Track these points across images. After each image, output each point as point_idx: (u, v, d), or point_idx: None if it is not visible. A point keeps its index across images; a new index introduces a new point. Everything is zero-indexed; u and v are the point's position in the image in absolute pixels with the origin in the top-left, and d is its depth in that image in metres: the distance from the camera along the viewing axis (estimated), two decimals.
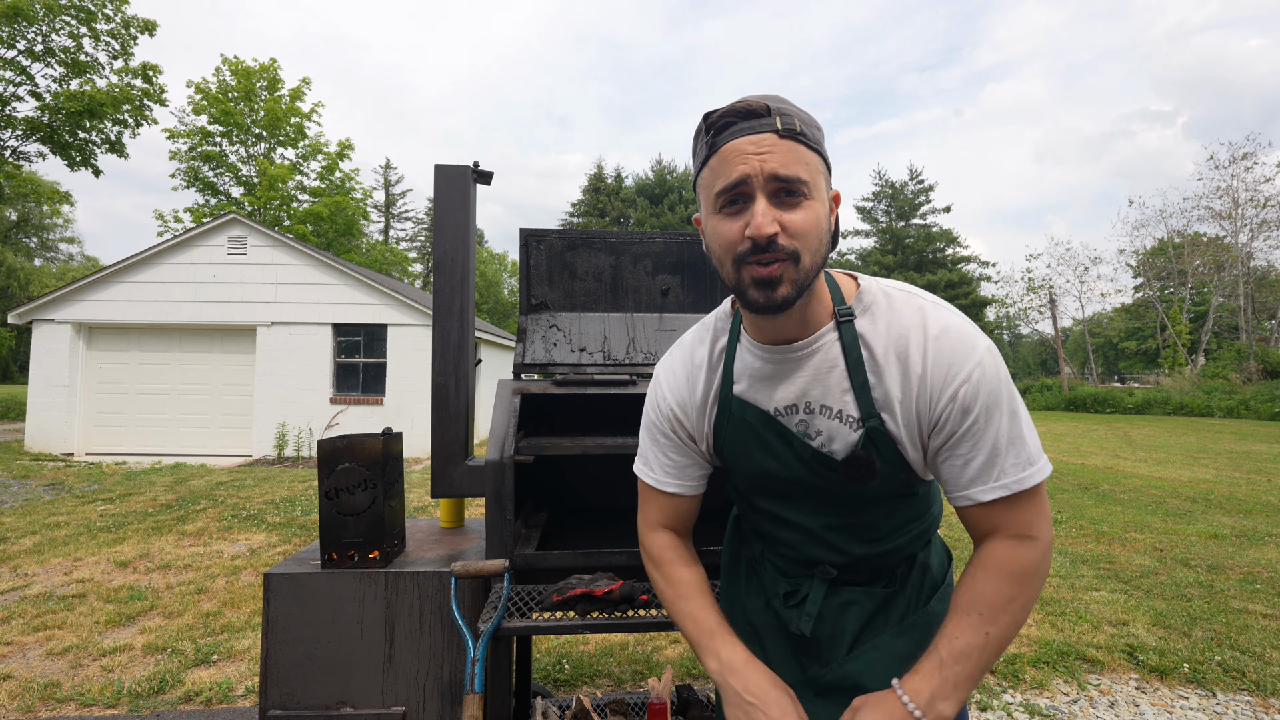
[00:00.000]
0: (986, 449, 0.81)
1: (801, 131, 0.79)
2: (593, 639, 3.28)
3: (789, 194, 0.78)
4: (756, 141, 0.78)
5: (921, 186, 42.33)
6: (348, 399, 10.74)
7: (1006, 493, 0.81)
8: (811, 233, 0.79)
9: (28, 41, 13.78)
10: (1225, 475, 8.67)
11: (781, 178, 0.77)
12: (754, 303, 0.81)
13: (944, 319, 0.84)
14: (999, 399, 0.81)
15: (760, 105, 0.79)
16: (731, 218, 0.80)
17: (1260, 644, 3.19)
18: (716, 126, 0.81)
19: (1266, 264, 30.92)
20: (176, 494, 7.13)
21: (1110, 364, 48.38)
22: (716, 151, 0.81)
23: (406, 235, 49.64)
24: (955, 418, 0.81)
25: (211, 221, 10.92)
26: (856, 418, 0.86)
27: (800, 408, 0.90)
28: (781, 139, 0.78)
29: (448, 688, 1.62)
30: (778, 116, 0.78)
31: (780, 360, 0.90)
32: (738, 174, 0.78)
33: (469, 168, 1.92)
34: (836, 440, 0.88)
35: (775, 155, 0.77)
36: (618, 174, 40.65)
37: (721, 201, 0.81)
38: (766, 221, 0.76)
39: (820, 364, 0.88)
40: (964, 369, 0.80)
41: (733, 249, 0.80)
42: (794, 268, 0.79)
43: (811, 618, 0.95)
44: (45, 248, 44.73)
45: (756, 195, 0.78)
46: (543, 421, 2.18)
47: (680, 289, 2.10)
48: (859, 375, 0.85)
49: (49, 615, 3.55)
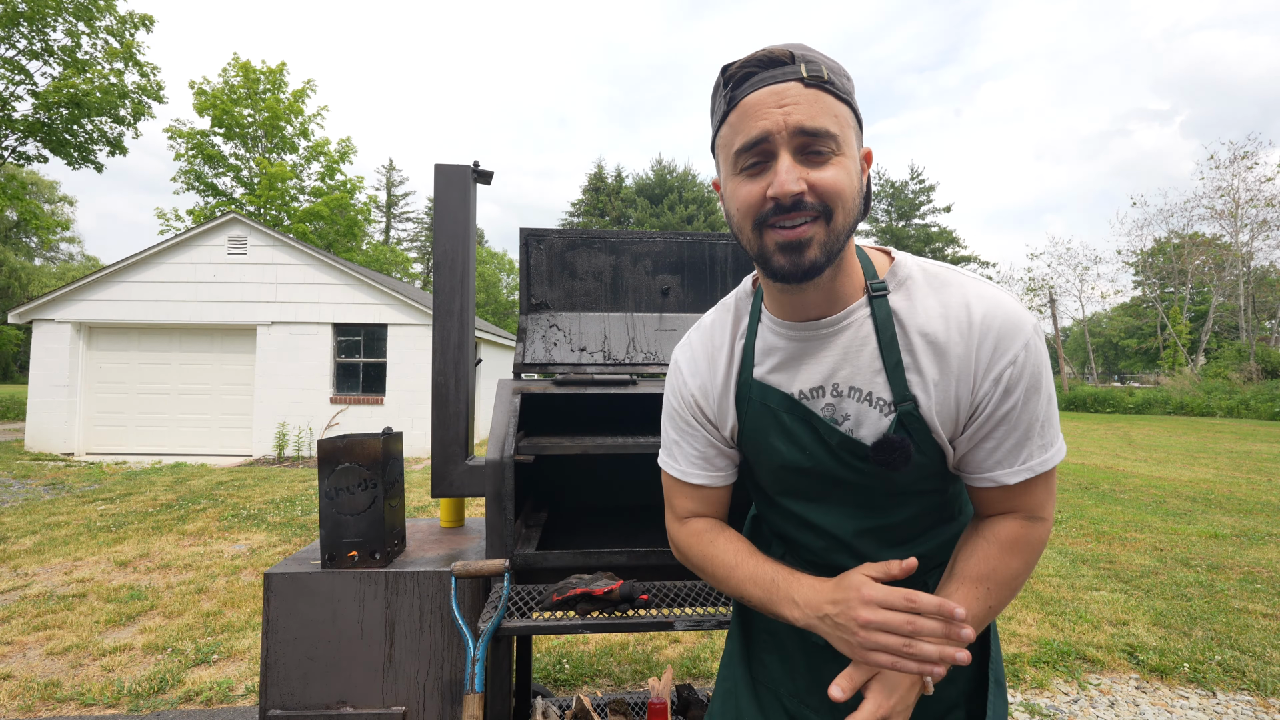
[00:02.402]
0: (1020, 432, 0.77)
1: (830, 80, 0.72)
2: (593, 639, 3.28)
3: (816, 150, 0.71)
4: (779, 92, 0.70)
5: (922, 186, 42.35)
6: (348, 399, 10.73)
7: (1031, 475, 0.77)
8: (844, 189, 0.71)
9: (26, 40, 13.79)
10: (1225, 475, 8.67)
11: (808, 130, 0.70)
12: (779, 269, 0.74)
13: (986, 295, 0.77)
14: (1039, 382, 0.76)
15: (784, 53, 0.72)
16: (753, 178, 0.73)
17: (1260, 644, 3.19)
18: (736, 79, 0.74)
19: (1268, 264, 30.93)
20: (177, 494, 7.13)
21: (1110, 364, 48.38)
22: (736, 106, 0.74)
23: (407, 235, 49.68)
24: (996, 400, 0.76)
25: (211, 221, 10.92)
26: (888, 400, 0.79)
27: (827, 390, 0.83)
28: (807, 88, 0.70)
29: (448, 687, 1.62)
30: (803, 64, 0.71)
31: (806, 338, 0.83)
32: (759, 130, 0.71)
33: (469, 167, 1.92)
34: (865, 425, 0.81)
35: (800, 106, 0.70)
36: (618, 174, 40.64)
37: (742, 161, 0.74)
38: (791, 180, 0.69)
39: (850, 342, 0.81)
40: (1010, 350, 0.74)
41: (754, 211, 0.73)
42: (824, 228, 0.72)
43: None
44: (45, 247, 44.76)
45: (780, 152, 0.71)
46: (543, 421, 2.18)
47: (680, 289, 2.10)
48: (892, 355, 0.78)
49: (49, 615, 3.55)
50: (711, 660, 3.04)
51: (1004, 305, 0.76)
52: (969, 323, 0.76)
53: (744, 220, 0.75)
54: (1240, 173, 29.82)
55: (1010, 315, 0.76)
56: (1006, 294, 0.78)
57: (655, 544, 1.72)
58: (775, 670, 0.98)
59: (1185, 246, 32.75)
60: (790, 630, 0.97)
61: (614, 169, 40.79)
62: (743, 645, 1.03)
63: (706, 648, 3.18)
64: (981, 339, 0.75)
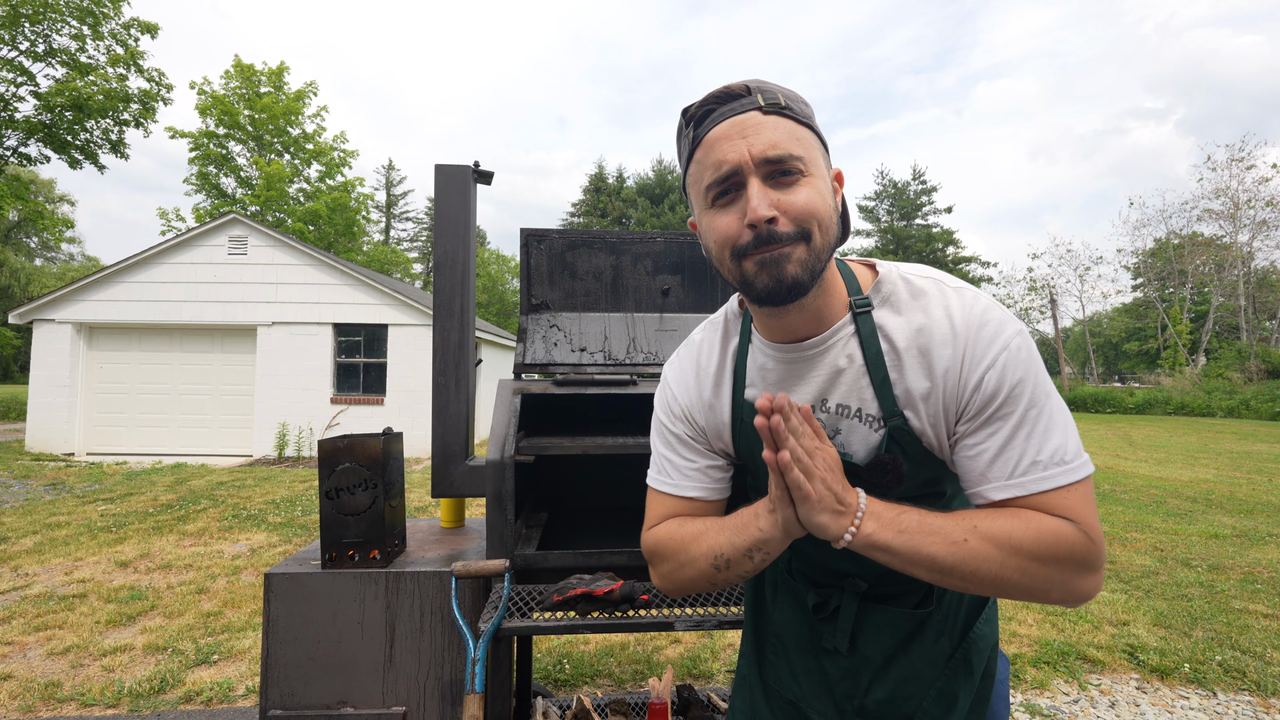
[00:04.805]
0: (1001, 440, 0.73)
1: (787, 106, 0.73)
2: (593, 639, 3.28)
3: (784, 173, 0.72)
4: (740, 123, 0.72)
5: (924, 187, 42.35)
6: (348, 399, 10.74)
7: (1022, 492, 0.71)
8: (818, 208, 0.72)
9: (29, 42, 13.80)
10: (1226, 475, 8.66)
11: (773, 159, 0.71)
12: (762, 289, 0.74)
13: (970, 303, 0.76)
14: (1025, 387, 0.73)
15: (740, 87, 0.74)
16: (725, 210, 0.74)
17: (1261, 644, 3.19)
18: (697, 118, 0.76)
19: (1268, 264, 30.92)
20: (177, 494, 7.13)
21: (1111, 364, 48.37)
22: (700, 143, 0.75)
23: (408, 235, 49.68)
24: (977, 406, 0.74)
25: (212, 221, 10.93)
26: (877, 416, 0.79)
27: (817, 408, 0.83)
28: (766, 115, 0.72)
29: (448, 688, 1.62)
30: (759, 94, 0.73)
31: (793, 360, 0.84)
32: (727, 164, 0.72)
33: (469, 168, 1.92)
34: (856, 441, 0.82)
35: (763, 133, 0.71)
36: (619, 174, 40.67)
37: (713, 195, 0.75)
38: (764, 205, 0.70)
39: (836, 361, 0.81)
40: (990, 353, 0.73)
41: (731, 243, 0.74)
42: (805, 247, 0.72)
43: (846, 634, 0.89)
44: (46, 248, 44.79)
45: (749, 179, 0.72)
46: (543, 422, 2.18)
47: (680, 289, 2.10)
48: (879, 371, 0.78)
49: (50, 615, 3.55)
50: (711, 660, 3.04)
51: (985, 311, 0.76)
52: (952, 330, 0.75)
53: (722, 251, 0.75)
54: (1238, 173, 29.85)
55: (991, 320, 0.75)
56: (989, 299, 0.78)
57: None
58: (782, 673, 0.98)
59: (1185, 247, 32.74)
60: (792, 633, 0.97)
61: (614, 169, 40.87)
62: (754, 647, 1.05)
63: (707, 648, 3.18)
64: (967, 344, 0.75)
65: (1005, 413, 0.73)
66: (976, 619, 0.92)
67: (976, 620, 0.92)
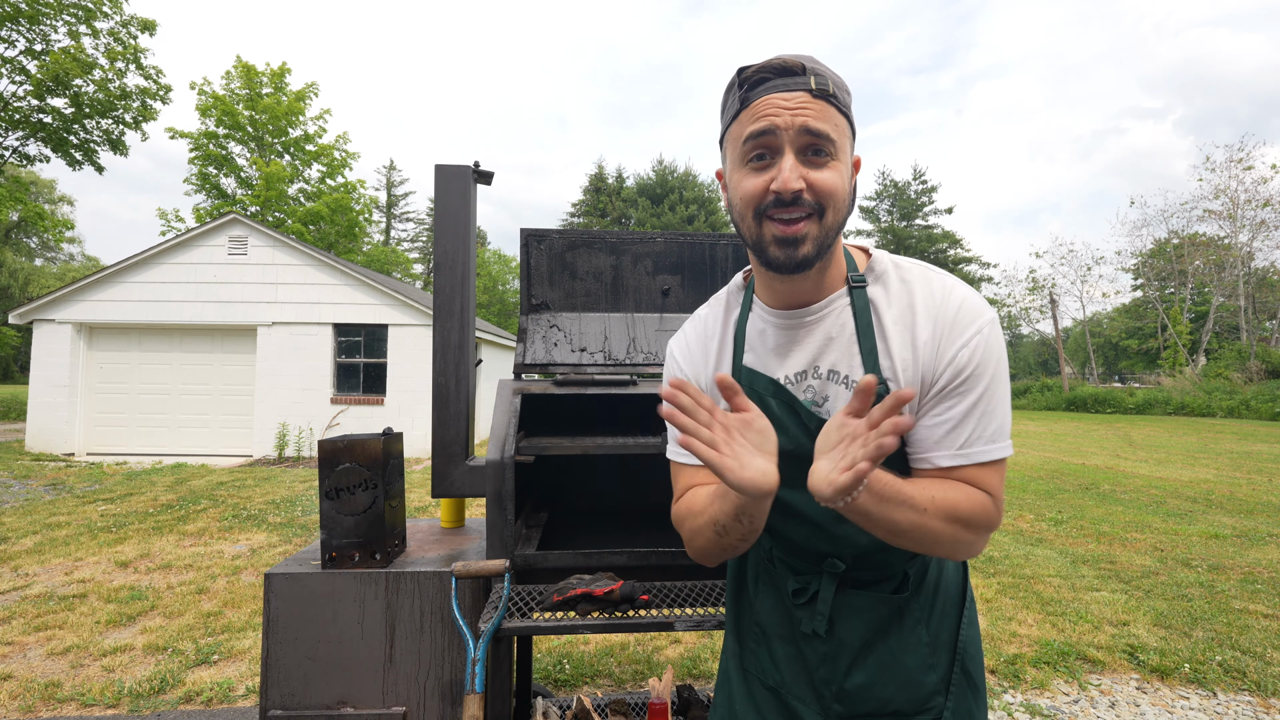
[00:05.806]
0: (959, 412, 0.81)
1: (834, 94, 0.80)
2: (593, 639, 3.28)
3: (816, 152, 0.79)
4: (789, 99, 0.78)
5: (925, 187, 42.32)
6: (348, 399, 10.74)
7: (966, 461, 0.81)
8: (837, 191, 0.80)
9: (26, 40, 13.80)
10: (1226, 475, 8.66)
11: (812, 130, 0.77)
12: (774, 260, 0.82)
13: (951, 288, 0.85)
14: (987, 368, 0.81)
15: (796, 63, 0.80)
16: (757, 172, 0.81)
17: (1261, 644, 3.19)
18: (750, 81, 0.81)
19: (1268, 264, 30.90)
20: (177, 494, 7.13)
21: (1111, 364, 48.34)
22: (748, 105, 0.81)
23: (408, 235, 49.69)
24: (945, 379, 0.82)
25: (212, 222, 10.93)
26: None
27: (809, 373, 0.89)
28: (814, 98, 0.78)
29: (448, 688, 1.62)
30: (812, 76, 0.79)
31: (793, 325, 0.90)
32: (768, 122, 0.78)
33: (469, 168, 1.92)
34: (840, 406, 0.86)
35: (808, 111, 0.78)
36: (618, 174, 40.64)
37: (749, 150, 0.81)
38: (794, 177, 0.77)
39: (831, 328, 0.88)
40: (965, 334, 0.81)
41: (755, 202, 0.81)
42: (817, 224, 0.80)
43: (824, 617, 0.92)
44: (46, 248, 44.78)
45: (785, 150, 0.78)
46: (543, 422, 2.18)
47: (681, 289, 2.10)
48: (868, 340, 0.85)
49: (50, 615, 3.55)
50: (711, 660, 3.03)
51: (965, 297, 0.84)
52: (937, 308, 0.83)
53: (746, 209, 0.82)
54: (1237, 174, 29.83)
55: (969, 305, 0.83)
56: (969, 288, 0.87)
57: (655, 544, 1.72)
58: (763, 661, 1.01)
59: (1185, 247, 32.73)
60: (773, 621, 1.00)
61: (614, 169, 40.82)
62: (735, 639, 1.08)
63: (707, 648, 3.18)
64: (946, 322, 0.82)
65: (967, 389, 0.81)
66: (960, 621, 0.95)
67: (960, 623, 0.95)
